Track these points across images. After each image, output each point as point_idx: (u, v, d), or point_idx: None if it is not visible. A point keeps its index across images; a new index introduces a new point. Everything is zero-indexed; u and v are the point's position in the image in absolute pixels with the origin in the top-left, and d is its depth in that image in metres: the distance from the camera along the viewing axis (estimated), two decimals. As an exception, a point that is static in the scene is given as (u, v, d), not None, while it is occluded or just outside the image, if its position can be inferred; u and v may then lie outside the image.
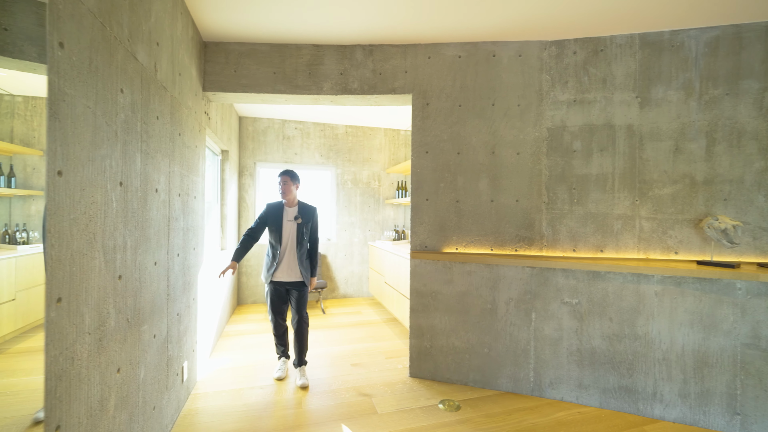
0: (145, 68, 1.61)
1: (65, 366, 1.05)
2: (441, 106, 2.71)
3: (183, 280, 2.23)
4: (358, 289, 5.22)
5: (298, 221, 2.69)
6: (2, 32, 1.30)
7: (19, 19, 1.24)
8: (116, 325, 1.36)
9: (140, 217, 1.58)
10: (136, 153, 1.52)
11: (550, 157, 2.59)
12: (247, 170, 4.76)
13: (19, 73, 1.46)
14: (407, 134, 5.41)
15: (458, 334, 2.63)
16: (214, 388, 2.52)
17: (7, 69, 1.38)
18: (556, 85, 2.58)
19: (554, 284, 2.45)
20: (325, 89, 2.75)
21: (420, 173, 2.73)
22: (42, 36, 1.01)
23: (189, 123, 2.33)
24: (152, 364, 1.75)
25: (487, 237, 2.66)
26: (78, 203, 1.11)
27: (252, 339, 3.49)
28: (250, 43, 2.72)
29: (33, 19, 1.22)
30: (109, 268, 1.30)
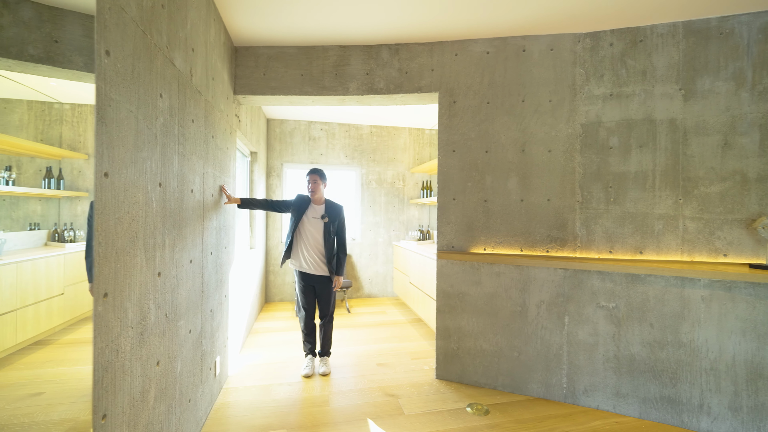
0: (181, 73, 1.68)
1: (111, 358, 1.10)
2: (468, 103, 2.66)
3: (216, 278, 2.30)
4: (383, 288, 5.22)
5: (324, 220, 2.75)
6: (53, 44, 1.39)
7: (68, 31, 1.32)
8: (156, 320, 1.42)
9: (177, 216, 1.64)
10: (173, 155, 1.58)
11: (584, 154, 2.48)
12: (274, 171, 4.88)
13: (67, 82, 1.56)
14: (432, 133, 5.36)
15: (486, 337, 2.57)
16: (244, 383, 2.59)
17: (58, 78, 1.47)
18: (591, 78, 2.47)
19: (589, 287, 2.34)
20: (351, 90, 2.76)
21: (447, 172, 2.69)
22: (88, 46, 1.07)
23: (221, 126, 2.41)
24: (188, 359, 1.81)
25: (517, 237, 2.58)
26: (122, 203, 1.16)
27: (279, 336, 3.56)
28: (279, 47, 2.78)
29: (80, 31, 1.29)
30: (149, 265, 1.36)
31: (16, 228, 1.76)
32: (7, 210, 1.77)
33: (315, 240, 2.76)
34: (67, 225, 1.76)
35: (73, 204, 1.71)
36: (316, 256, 2.76)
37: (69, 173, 1.67)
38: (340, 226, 2.84)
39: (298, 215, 2.76)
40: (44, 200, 1.84)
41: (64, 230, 1.76)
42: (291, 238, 2.78)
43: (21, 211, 1.81)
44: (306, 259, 2.76)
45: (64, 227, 1.75)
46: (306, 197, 2.82)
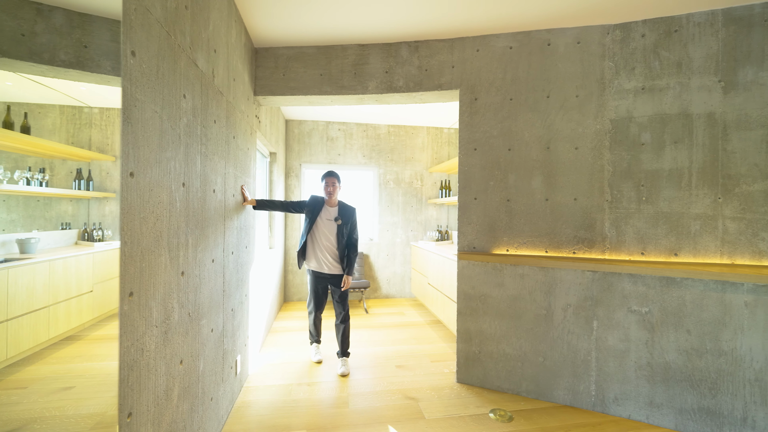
0: (204, 74, 1.69)
1: (136, 356, 1.11)
2: (490, 100, 2.59)
3: (236, 277, 2.32)
4: (401, 289, 5.18)
5: (338, 222, 2.82)
6: (83, 49, 1.42)
7: (96, 36, 1.35)
8: (179, 318, 1.43)
9: (200, 216, 1.65)
10: (196, 155, 1.60)
11: (613, 151, 2.37)
12: (293, 171, 4.91)
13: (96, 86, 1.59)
14: (450, 132, 5.28)
15: (509, 341, 2.49)
16: (264, 382, 2.61)
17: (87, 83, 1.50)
18: (621, 72, 2.36)
19: (620, 290, 2.23)
20: (370, 88, 2.74)
21: (468, 171, 2.63)
22: (115, 50, 1.08)
23: (242, 126, 2.43)
24: (210, 357, 1.83)
25: (542, 238, 2.49)
26: (147, 203, 1.17)
27: (298, 336, 3.57)
28: (298, 47, 2.78)
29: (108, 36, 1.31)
30: (173, 265, 1.37)
31: (49, 227, 1.82)
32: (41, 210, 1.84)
33: (329, 241, 2.83)
34: (96, 225, 1.81)
35: (102, 204, 1.76)
36: (330, 256, 2.84)
37: (97, 175, 1.71)
38: (352, 228, 2.90)
39: (312, 216, 2.83)
40: (75, 201, 1.90)
41: (93, 230, 1.81)
42: (305, 239, 2.86)
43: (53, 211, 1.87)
44: (320, 259, 2.85)
45: (93, 227, 1.81)
46: (320, 199, 2.87)
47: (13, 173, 1.64)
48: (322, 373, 2.76)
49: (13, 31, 1.34)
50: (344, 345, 2.89)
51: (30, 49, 1.32)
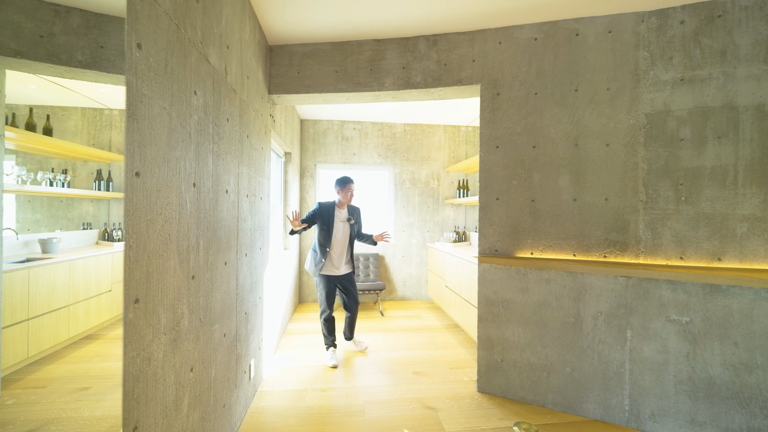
0: (216, 71, 1.63)
1: (142, 367, 1.05)
2: (513, 95, 2.45)
3: (250, 280, 2.26)
4: (417, 291, 5.07)
5: (351, 222, 3.00)
6: (99, 49, 1.38)
7: (112, 37, 1.30)
8: (190, 324, 1.37)
9: (212, 217, 1.59)
10: (208, 154, 1.54)
11: (648, 147, 2.20)
12: (308, 171, 4.87)
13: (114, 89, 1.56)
14: (468, 131, 5.13)
15: (534, 349, 2.35)
16: (278, 386, 2.55)
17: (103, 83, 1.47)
18: (657, 62, 2.19)
19: (657, 298, 2.06)
20: (386, 85, 2.65)
21: (489, 170, 2.50)
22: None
23: (256, 125, 2.37)
24: (222, 363, 1.77)
25: (569, 241, 2.34)
26: (154, 204, 1.11)
27: (313, 338, 3.51)
28: (313, 44, 2.72)
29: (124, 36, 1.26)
30: (183, 269, 1.31)
31: (72, 227, 1.83)
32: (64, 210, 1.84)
33: (344, 242, 2.99)
34: (115, 225, 1.80)
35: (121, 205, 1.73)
36: (345, 256, 3.01)
37: (117, 176, 1.70)
38: (360, 227, 3.14)
39: (329, 222, 2.93)
40: (95, 201, 1.90)
41: (112, 230, 1.80)
42: (324, 245, 2.92)
43: (75, 211, 1.88)
44: (336, 262, 2.96)
45: (113, 227, 1.80)
46: (330, 204, 2.99)
47: (36, 174, 1.65)
48: (337, 378, 2.68)
49: (32, 33, 1.33)
50: (353, 328, 3.23)
51: (48, 51, 1.30)
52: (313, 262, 2.98)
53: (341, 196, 2.98)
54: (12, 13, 1.33)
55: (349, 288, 3.07)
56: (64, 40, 1.33)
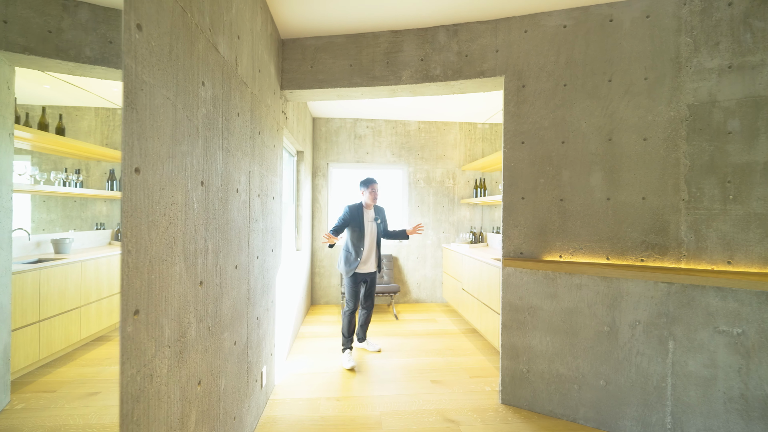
0: (226, 61, 1.53)
1: (143, 385, 0.94)
2: (541, 87, 2.29)
3: (262, 283, 2.16)
4: (432, 294, 4.92)
5: (377, 222, 3.09)
6: (108, 45, 1.29)
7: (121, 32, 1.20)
8: (197, 334, 1.27)
9: (221, 218, 1.49)
10: (217, 151, 1.43)
11: (691, 141, 2.01)
12: (320, 171, 4.77)
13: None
14: (485, 128, 4.96)
15: (564, 360, 2.18)
16: (291, 394, 2.44)
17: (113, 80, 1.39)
18: (702, 48, 2.00)
19: (703, 306, 1.88)
20: (404, 78, 2.51)
21: (514, 167, 2.35)
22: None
23: (268, 122, 2.27)
24: (233, 373, 1.66)
25: (602, 243, 2.17)
26: (157, 204, 1.00)
27: (326, 342, 3.41)
28: (327, 37, 2.60)
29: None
30: (189, 274, 1.20)
31: (85, 227, 1.78)
32: (77, 210, 1.79)
33: (373, 241, 3.08)
34: (127, 225, 1.71)
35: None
36: (374, 255, 3.10)
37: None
38: (386, 224, 3.22)
39: (359, 224, 3.00)
40: (109, 201, 1.84)
41: (124, 230, 1.71)
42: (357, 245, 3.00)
43: (89, 211, 1.82)
44: (367, 261, 3.05)
45: (125, 227, 1.71)
46: (357, 205, 3.04)
47: (49, 174, 1.60)
48: (352, 386, 2.56)
49: (41, 28, 1.26)
50: (366, 329, 3.28)
51: (57, 46, 1.23)
52: (347, 262, 3.03)
53: (367, 196, 3.04)
54: (21, 9, 1.26)
55: (371, 286, 3.15)
56: (72, 36, 1.26)
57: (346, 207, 3.04)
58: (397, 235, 3.20)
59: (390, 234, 3.21)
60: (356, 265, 2.99)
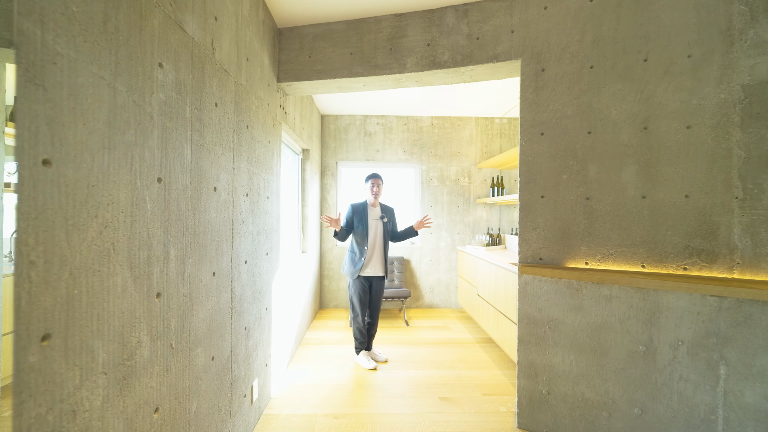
0: (197, 44, 1.36)
1: (61, 425, 0.77)
2: (563, 70, 2.01)
3: (252, 290, 2.00)
4: (445, 298, 4.66)
5: (384, 220, 2.93)
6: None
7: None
8: (152, 354, 1.10)
9: (191, 220, 1.32)
10: (183, 143, 1.26)
11: (747, 129, 1.69)
12: (329, 170, 4.61)
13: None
14: (503, 123, 4.65)
15: (591, 382, 1.90)
16: (287, 409, 2.27)
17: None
18: (760, 17, 1.67)
19: (764, 325, 1.56)
20: (408, 66, 2.29)
21: (531, 162, 2.08)
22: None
23: (259, 115, 2.11)
24: (210, 392, 1.50)
25: (636, 248, 1.87)
26: (83, 204, 0.83)
27: (331, 350, 3.23)
28: (325, 24, 2.42)
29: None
30: (139, 286, 1.03)
31: None
32: None
33: (379, 241, 2.91)
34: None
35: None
36: (379, 256, 2.91)
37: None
38: (394, 227, 3.05)
39: (364, 222, 2.86)
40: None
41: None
42: (361, 244, 2.86)
43: None
44: (372, 262, 2.89)
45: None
46: (361, 204, 2.93)
47: None
48: (352, 401, 2.36)
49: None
50: (372, 338, 3.06)
51: None
52: (352, 263, 2.91)
53: (369, 192, 2.93)
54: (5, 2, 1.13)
55: (377, 293, 2.98)
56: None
57: (349, 205, 2.96)
58: (406, 233, 3.02)
59: (398, 235, 3.04)
60: (360, 265, 2.85)
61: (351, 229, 2.90)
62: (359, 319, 2.94)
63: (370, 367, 2.84)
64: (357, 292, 2.90)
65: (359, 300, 2.91)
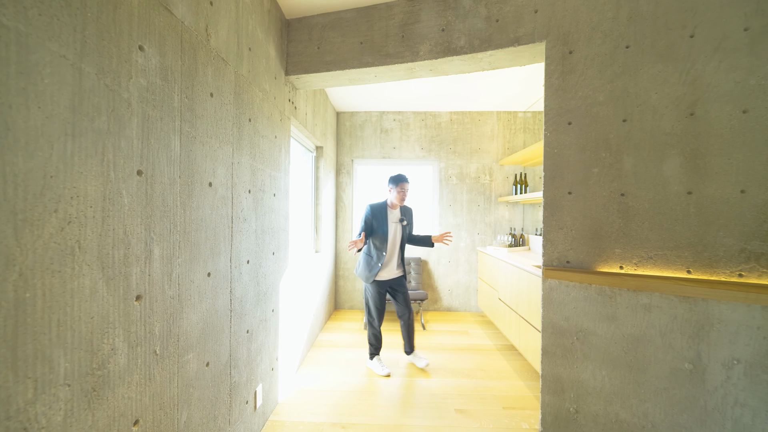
0: (187, 28, 1.27)
1: (6, 445, 0.68)
2: (594, 51, 1.80)
3: (256, 291, 1.91)
4: (465, 301, 4.46)
5: (403, 223, 2.80)
6: None
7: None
8: (130, 362, 1.01)
9: (180, 217, 1.23)
10: (170, 134, 1.17)
11: (820, 111, 1.43)
12: (344, 168, 4.51)
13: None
14: (527, 117, 4.40)
15: (626, 402, 1.68)
16: (293, 416, 2.17)
17: None
18: (838, -22, 1.41)
19: None
20: (421, 54, 2.14)
21: (558, 155, 1.88)
22: None
23: (264, 108, 2.02)
24: (204, 400, 1.41)
25: (680, 251, 1.64)
26: (38, 197, 0.74)
27: (344, 353, 3.12)
28: (335, 12, 2.30)
29: None
30: (113, 288, 0.94)
31: None
32: None
33: (396, 244, 2.79)
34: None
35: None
36: (396, 259, 2.81)
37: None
38: (411, 229, 2.91)
39: (383, 225, 2.73)
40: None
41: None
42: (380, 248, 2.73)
43: None
44: (389, 266, 2.77)
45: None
46: (381, 204, 2.80)
47: None
48: (362, 410, 2.24)
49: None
50: (411, 341, 2.88)
51: None
52: (367, 267, 2.76)
53: (394, 196, 2.75)
54: None
55: (399, 292, 2.84)
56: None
57: (367, 206, 2.79)
58: (421, 241, 2.88)
59: (414, 239, 2.91)
60: (377, 270, 2.71)
61: (369, 232, 2.76)
62: (374, 323, 2.82)
63: (383, 374, 2.72)
64: (373, 297, 2.78)
65: (375, 305, 2.79)
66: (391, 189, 2.78)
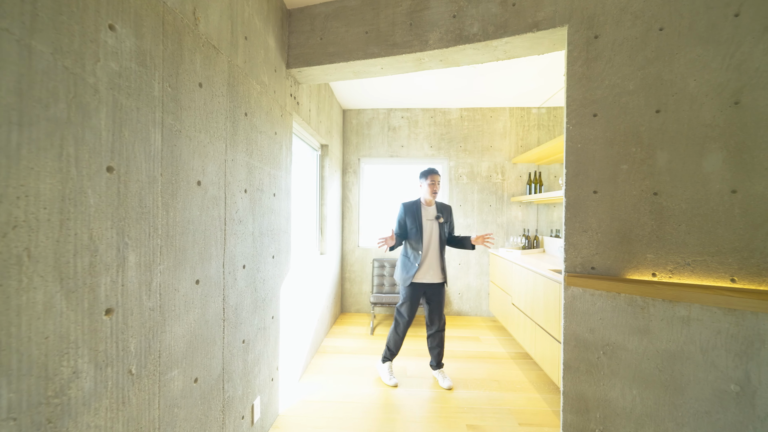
0: (170, 9, 1.14)
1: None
2: (623, 35, 1.63)
3: (253, 297, 1.78)
4: (476, 306, 4.28)
5: (440, 220, 2.63)
6: None
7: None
8: (97, 385, 0.88)
9: (161, 219, 1.10)
10: (149, 127, 1.05)
11: None
12: (350, 167, 4.38)
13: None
14: (541, 113, 4.21)
15: (661, 425, 1.51)
16: (292, 429, 2.04)
17: None
18: None
19: None
20: (431, 42, 1.99)
21: (581, 150, 1.71)
22: None
23: (262, 103, 1.89)
24: (191, 420, 1.28)
25: (724, 257, 1.46)
26: (-30, 196, 0.61)
27: (350, 360, 2.98)
28: (338, 0, 2.17)
29: None
30: (75, 302, 0.82)
31: None
32: None
33: (434, 244, 2.59)
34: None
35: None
36: (437, 262, 2.60)
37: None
38: (452, 228, 2.73)
39: (417, 223, 2.59)
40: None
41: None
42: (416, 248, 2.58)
43: None
44: (426, 267, 2.58)
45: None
46: (414, 202, 2.67)
47: None
48: (365, 425, 2.10)
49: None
50: (440, 355, 2.67)
51: None
52: (404, 269, 2.61)
53: (426, 189, 2.61)
54: None
55: (434, 299, 2.62)
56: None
57: (401, 205, 2.68)
58: (461, 242, 2.66)
59: (454, 240, 2.69)
60: (414, 272, 2.54)
61: (404, 232, 2.62)
62: (400, 329, 2.64)
63: (391, 384, 2.57)
64: (408, 299, 2.59)
65: (408, 309, 2.60)
66: (422, 183, 2.64)
